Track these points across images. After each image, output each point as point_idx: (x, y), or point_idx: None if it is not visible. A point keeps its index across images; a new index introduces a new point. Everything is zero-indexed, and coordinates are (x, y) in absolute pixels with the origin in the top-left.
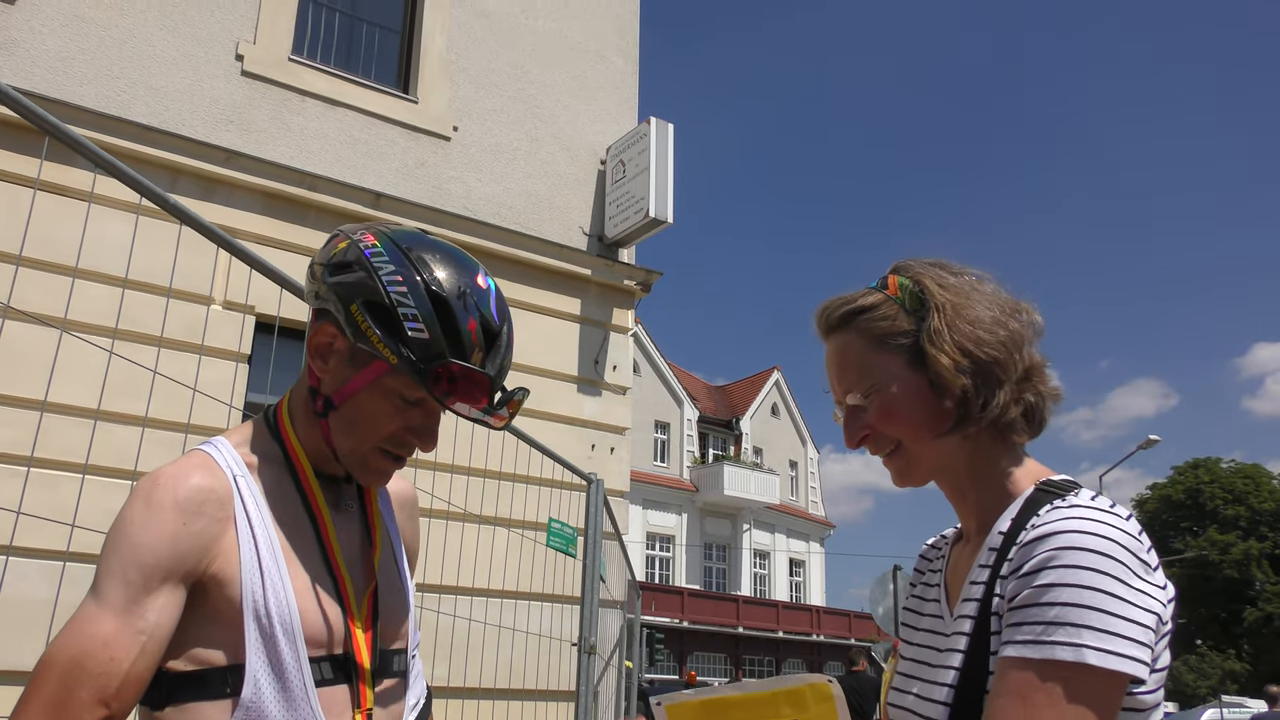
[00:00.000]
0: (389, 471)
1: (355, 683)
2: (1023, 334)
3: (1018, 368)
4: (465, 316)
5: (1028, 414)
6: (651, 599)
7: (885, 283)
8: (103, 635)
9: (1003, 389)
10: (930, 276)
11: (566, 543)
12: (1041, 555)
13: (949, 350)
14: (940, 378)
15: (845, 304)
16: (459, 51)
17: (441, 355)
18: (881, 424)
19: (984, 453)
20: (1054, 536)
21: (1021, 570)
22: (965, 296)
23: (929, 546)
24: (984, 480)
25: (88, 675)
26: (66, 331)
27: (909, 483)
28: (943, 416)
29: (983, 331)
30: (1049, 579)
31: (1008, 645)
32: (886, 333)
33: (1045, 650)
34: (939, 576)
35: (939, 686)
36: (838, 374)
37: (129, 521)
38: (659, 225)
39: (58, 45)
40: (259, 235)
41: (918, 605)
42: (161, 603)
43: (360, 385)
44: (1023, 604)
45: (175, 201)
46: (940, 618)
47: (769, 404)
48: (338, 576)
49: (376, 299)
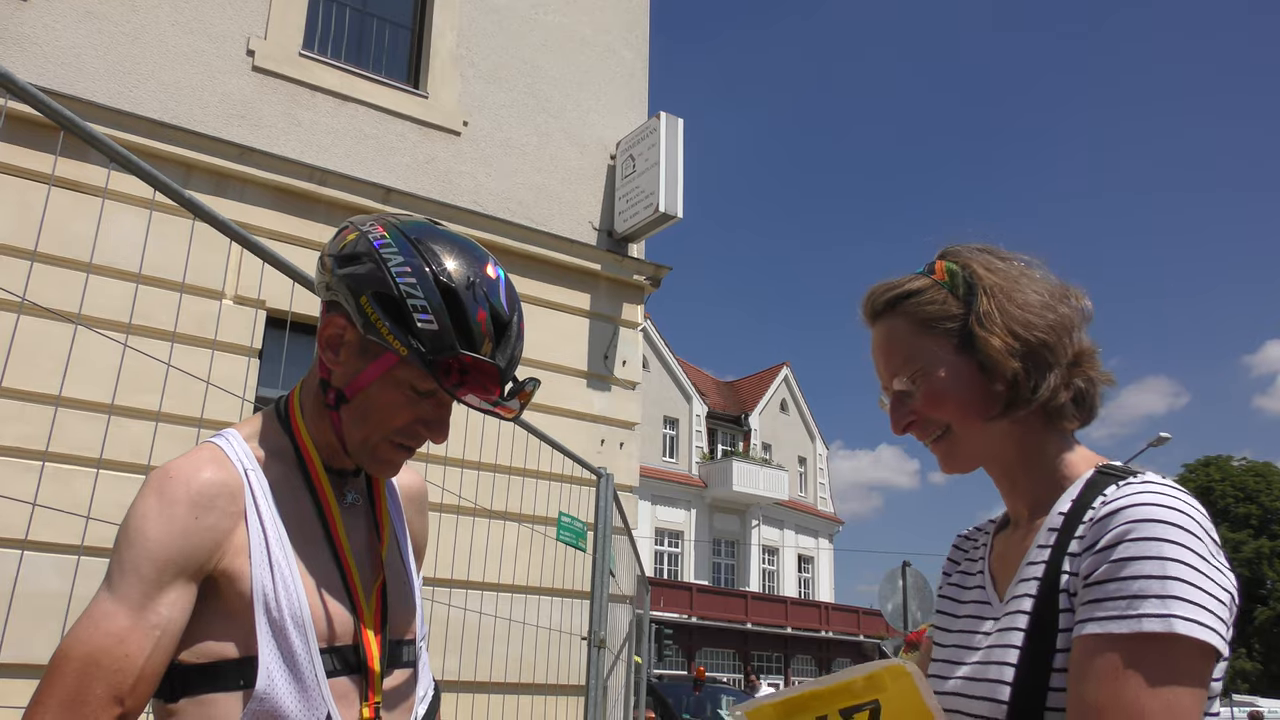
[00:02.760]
0: (399, 462)
1: (364, 674)
2: (1072, 318)
3: (1067, 351)
4: (475, 307)
5: (1078, 399)
6: (660, 594)
7: (932, 268)
8: (117, 631)
9: (1053, 372)
10: (978, 261)
11: (576, 537)
12: (1118, 529)
13: (1000, 332)
14: (991, 360)
15: (891, 289)
16: (469, 46)
17: (451, 347)
18: (928, 408)
19: (1035, 438)
20: (1130, 509)
21: (1097, 545)
22: (1014, 280)
23: (963, 537)
24: (1035, 465)
25: (103, 671)
26: (81, 326)
27: (955, 468)
28: (992, 400)
29: (1032, 315)
30: (1129, 552)
31: (1088, 623)
32: (934, 316)
33: (1132, 624)
34: (981, 564)
35: (996, 665)
36: (884, 359)
37: (142, 516)
38: (669, 220)
39: (71, 41)
40: (270, 230)
41: (956, 594)
42: (174, 597)
43: (371, 377)
44: (1101, 579)
45: (190, 196)
46: (986, 603)
47: (778, 400)
48: (346, 570)
49: (386, 290)
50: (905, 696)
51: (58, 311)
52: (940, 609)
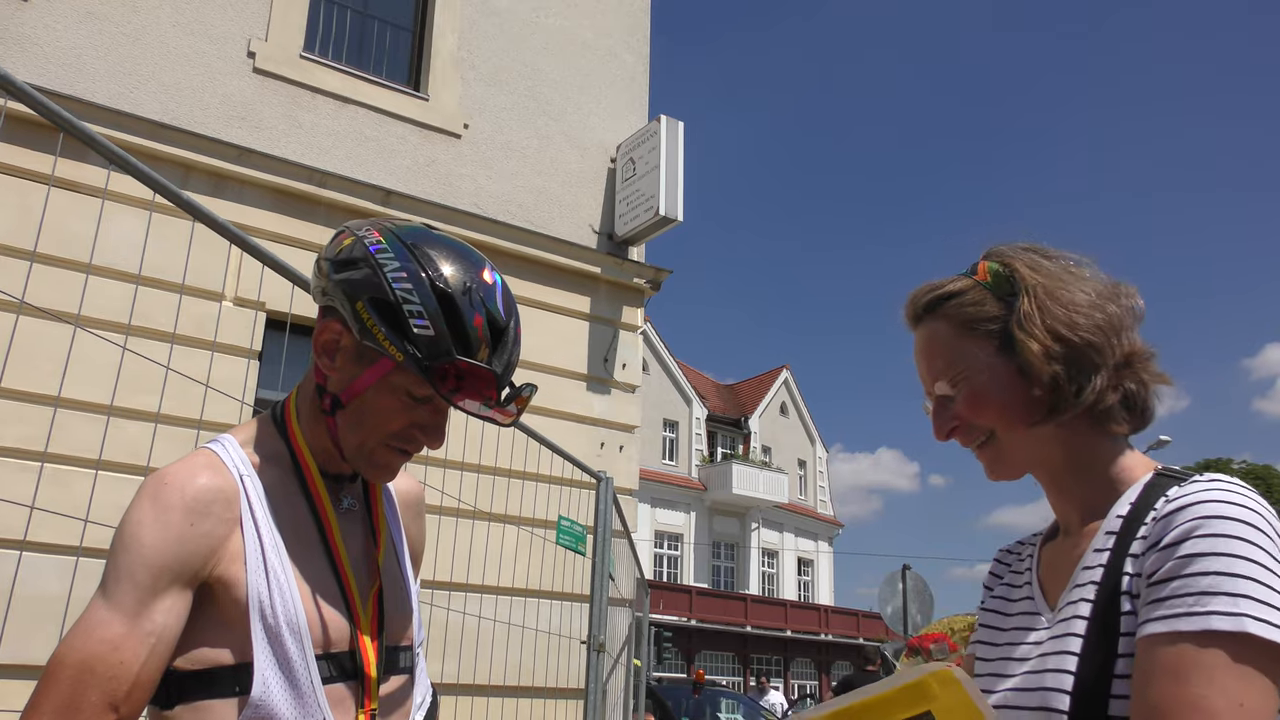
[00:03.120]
0: (395, 467)
1: (360, 681)
2: (1122, 318)
3: (1115, 352)
4: (471, 313)
5: (1128, 402)
6: (660, 597)
7: (975, 269)
8: (112, 638)
9: (1098, 374)
10: (1022, 260)
11: (576, 540)
12: (1184, 525)
13: (1039, 335)
14: (1029, 364)
15: (932, 290)
16: (470, 49)
17: (448, 353)
18: (970, 413)
19: (1083, 442)
20: (1197, 506)
21: (1162, 542)
22: (1059, 279)
23: (1005, 551)
24: (1087, 471)
25: (97, 679)
26: (80, 327)
27: (1002, 476)
28: (1033, 405)
29: (1077, 315)
30: (1197, 548)
31: (1153, 622)
32: (974, 318)
33: (1200, 621)
34: (1028, 575)
35: (1052, 674)
36: (925, 363)
37: (136, 522)
38: (669, 223)
39: (71, 42)
40: (270, 232)
41: (1001, 606)
42: (169, 604)
43: (368, 383)
44: (1166, 577)
45: (189, 198)
46: (1035, 614)
47: (778, 403)
48: (342, 576)
49: (381, 296)
50: (958, 706)
51: (57, 313)
52: (984, 623)
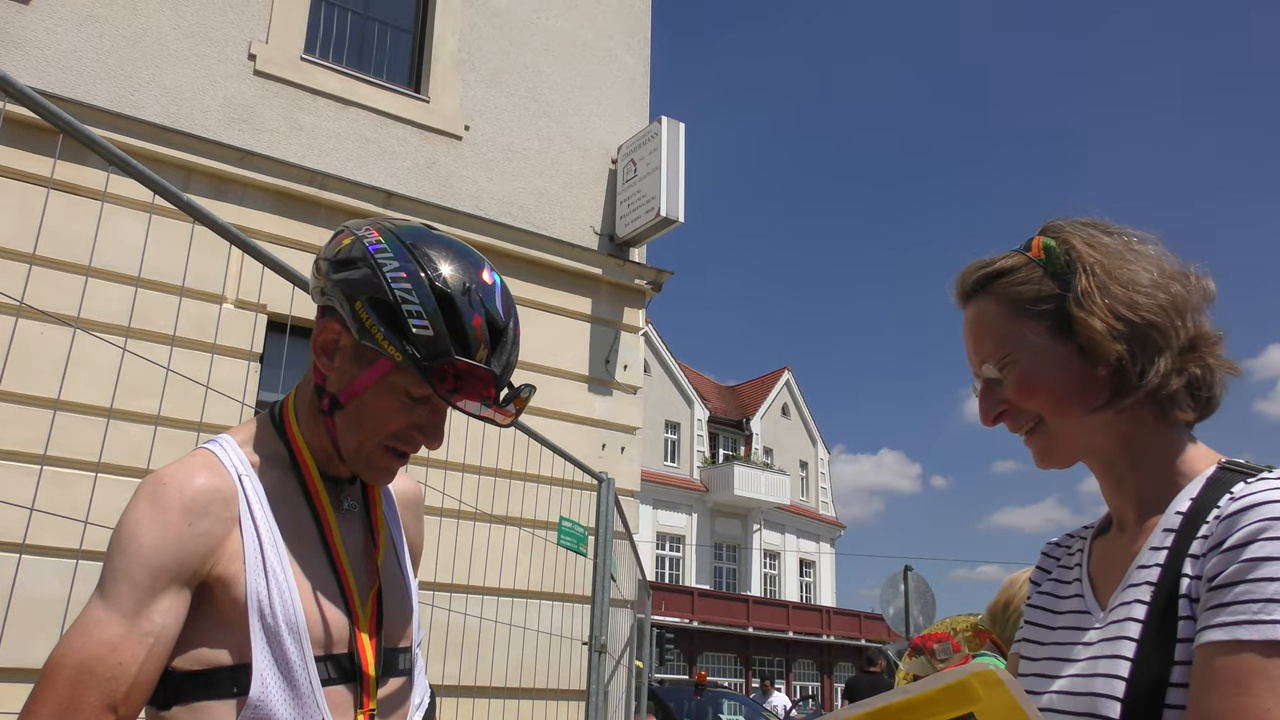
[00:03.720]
0: (394, 469)
1: (359, 682)
2: (1187, 299)
3: (1180, 335)
4: (470, 313)
5: (1194, 388)
6: (661, 599)
7: (1029, 245)
8: (110, 639)
9: (1162, 356)
10: (1080, 236)
11: (577, 541)
12: (1251, 527)
13: (1100, 312)
14: (1092, 343)
15: (982, 267)
16: (470, 51)
17: (447, 352)
18: (1019, 397)
19: (1144, 431)
20: (1266, 506)
21: (1225, 544)
22: (1119, 257)
23: (1054, 544)
24: (1146, 462)
25: (96, 679)
26: (80, 329)
27: (1052, 464)
28: (1096, 388)
29: (1138, 295)
30: (1263, 552)
31: (1213, 629)
32: (1027, 298)
33: (1263, 630)
34: (1078, 571)
35: (1103, 679)
36: (973, 344)
37: (135, 523)
38: (670, 225)
39: (72, 45)
40: (270, 234)
41: (1049, 603)
42: (167, 604)
43: (366, 383)
44: (1229, 581)
45: (189, 199)
46: (1085, 612)
47: (779, 404)
48: (342, 577)
49: (380, 296)
50: (1002, 708)
51: (57, 315)
52: (1030, 619)
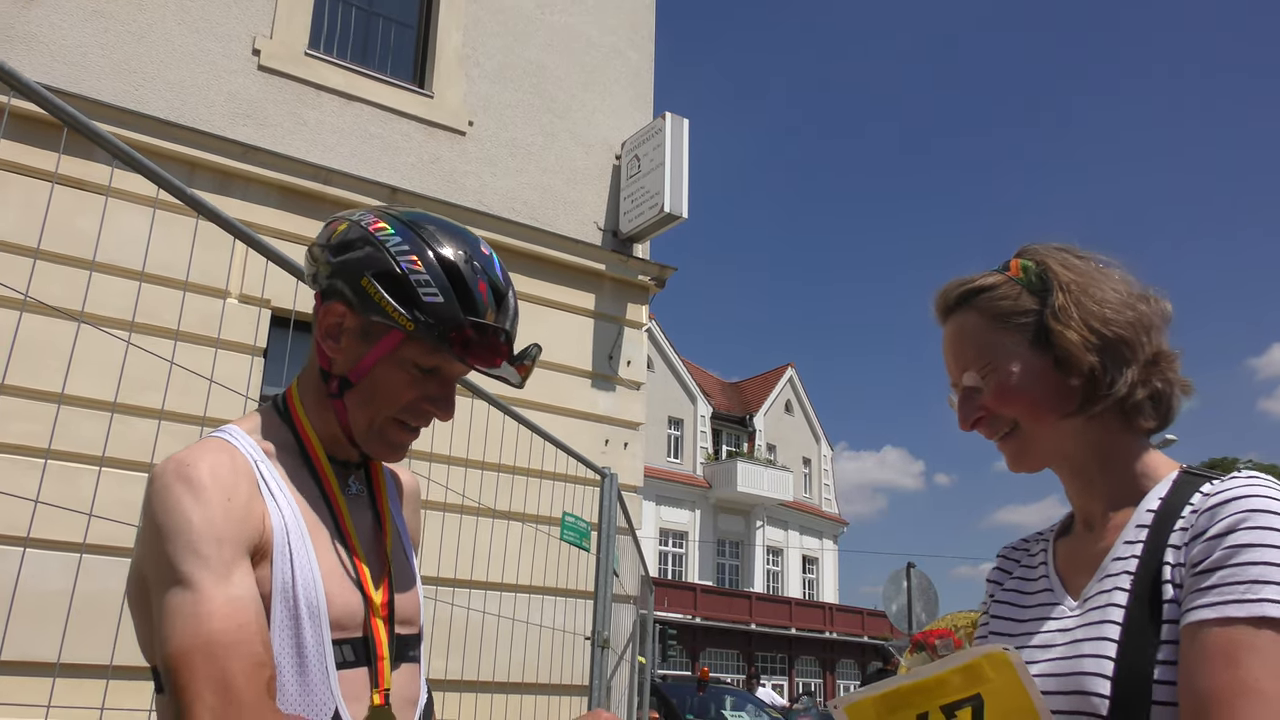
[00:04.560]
0: (405, 444)
1: (374, 663)
2: (1151, 317)
3: (1145, 350)
4: (475, 279)
5: (1155, 400)
6: (664, 595)
7: (1007, 265)
8: (216, 610)
9: (1130, 368)
10: (1055, 258)
11: (580, 537)
12: (1232, 517)
13: (1076, 326)
14: (1067, 353)
15: (964, 284)
16: (474, 46)
17: (456, 317)
18: (998, 404)
19: (1112, 437)
20: (1244, 499)
21: (1208, 532)
22: (1091, 277)
23: (1011, 548)
24: (1114, 465)
25: (227, 650)
26: (84, 323)
27: (1024, 467)
28: (1068, 396)
29: (1109, 311)
30: (1245, 539)
31: (1200, 608)
32: (1008, 311)
33: (1252, 608)
34: (1043, 569)
35: (1090, 659)
36: (954, 354)
37: (175, 507)
38: (674, 220)
39: (77, 40)
40: (274, 229)
41: (1016, 599)
42: (240, 575)
43: (376, 358)
44: (1215, 565)
45: (194, 194)
46: (1054, 604)
47: (783, 401)
48: (355, 560)
49: (387, 269)
50: (1008, 688)
51: (61, 309)
52: (997, 614)
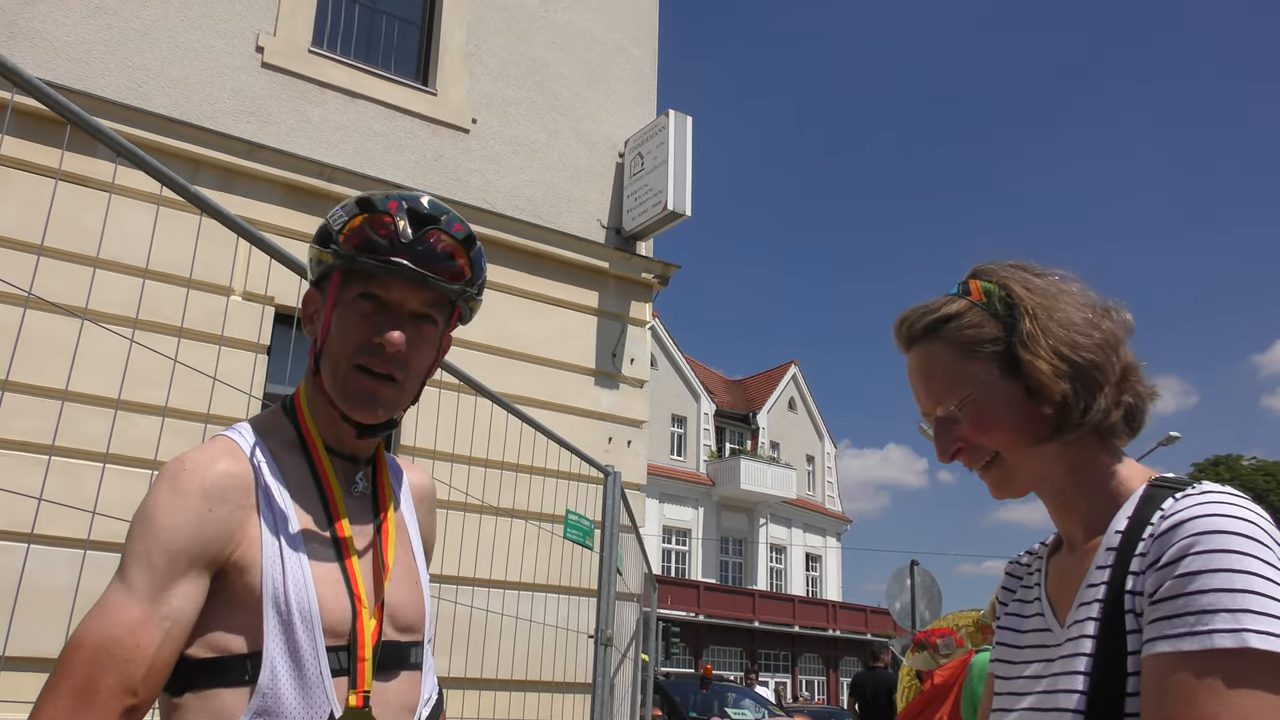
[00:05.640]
0: (376, 394)
1: (354, 665)
2: (1116, 334)
3: (1115, 369)
4: (386, 201)
5: (1128, 416)
6: (668, 593)
7: (967, 288)
8: (129, 622)
9: (1103, 393)
10: (1015, 280)
11: (584, 535)
12: (1181, 543)
13: (1046, 355)
14: (1039, 383)
15: (928, 313)
16: (478, 44)
17: (359, 219)
18: (977, 435)
19: (1088, 457)
20: (1191, 522)
21: (1160, 562)
22: (1054, 299)
23: (1015, 563)
24: (1091, 486)
25: (115, 662)
26: (88, 320)
27: (1008, 494)
28: (1041, 423)
29: (1077, 334)
30: (1194, 566)
31: (1157, 641)
32: (975, 340)
33: (1203, 640)
34: (1037, 590)
35: (1064, 694)
36: (924, 386)
37: (155, 506)
38: (677, 218)
39: (80, 37)
40: (278, 227)
41: (1016, 623)
42: (185, 589)
43: (328, 314)
44: (1167, 595)
45: (197, 191)
46: (1046, 630)
47: (786, 398)
48: (346, 561)
49: (321, 227)
50: None
51: (65, 306)
52: (1000, 641)
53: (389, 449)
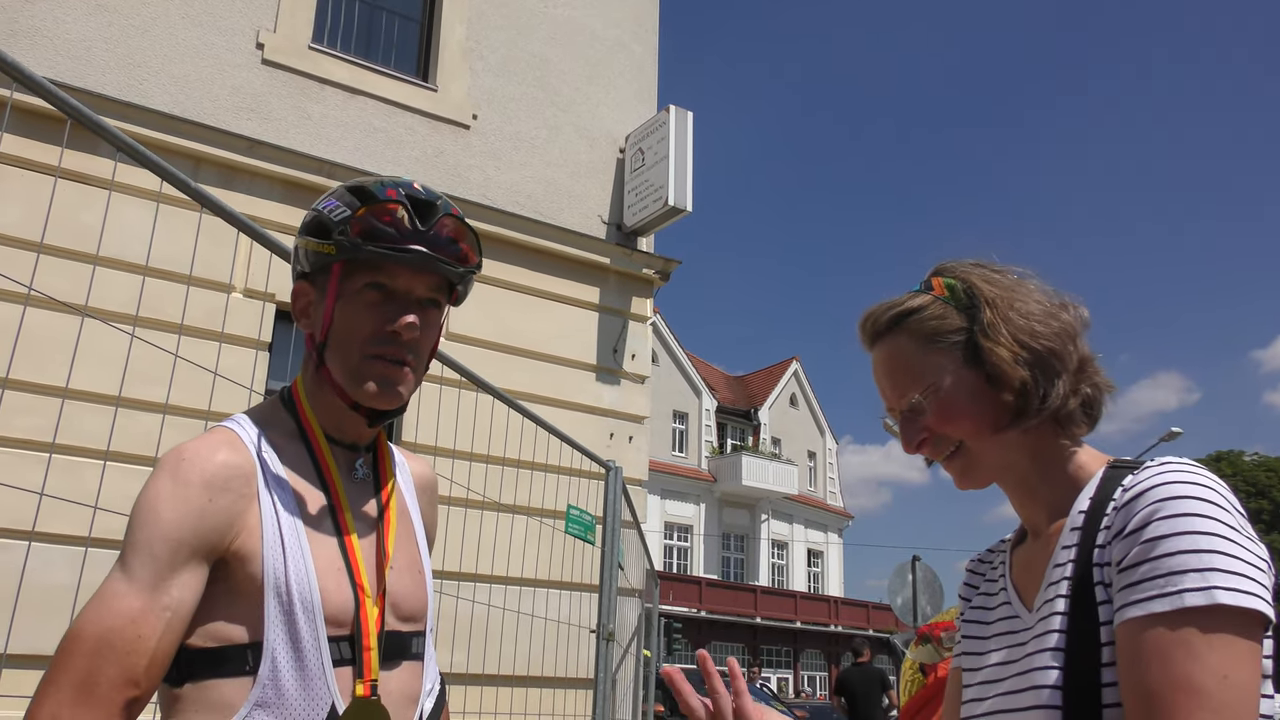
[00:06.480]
0: (392, 379)
1: (360, 654)
2: (1074, 325)
3: (1073, 358)
4: (383, 189)
5: (1085, 406)
6: (669, 588)
7: (930, 284)
8: (130, 612)
9: (1061, 380)
10: (976, 275)
11: (585, 530)
12: (1145, 509)
13: (1006, 342)
14: (999, 370)
15: (892, 308)
16: (478, 40)
17: (360, 209)
18: (941, 424)
19: (1049, 444)
20: (1154, 490)
21: (1126, 530)
22: (1013, 291)
23: (977, 560)
24: (1052, 472)
25: (115, 653)
26: (89, 317)
27: (971, 484)
28: (1002, 411)
29: (1036, 324)
30: (1160, 530)
31: (1128, 607)
32: (938, 331)
33: (1174, 600)
34: (1002, 581)
35: (1040, 672)
36: (889, 379)
37: (155, 496)
38: (678, 214)
39: (81, 34)
40: (279, 223)
41: (981, 616)
42: (186, 579)
43: (331, 306)
44: (1135, 561)
45: (198, 188)
46: (1015, 617)
47: (787, 394)
48: (349, 549)
49: (310, 220)
50: None
51: (65, 303)
52: (966, 634)
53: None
